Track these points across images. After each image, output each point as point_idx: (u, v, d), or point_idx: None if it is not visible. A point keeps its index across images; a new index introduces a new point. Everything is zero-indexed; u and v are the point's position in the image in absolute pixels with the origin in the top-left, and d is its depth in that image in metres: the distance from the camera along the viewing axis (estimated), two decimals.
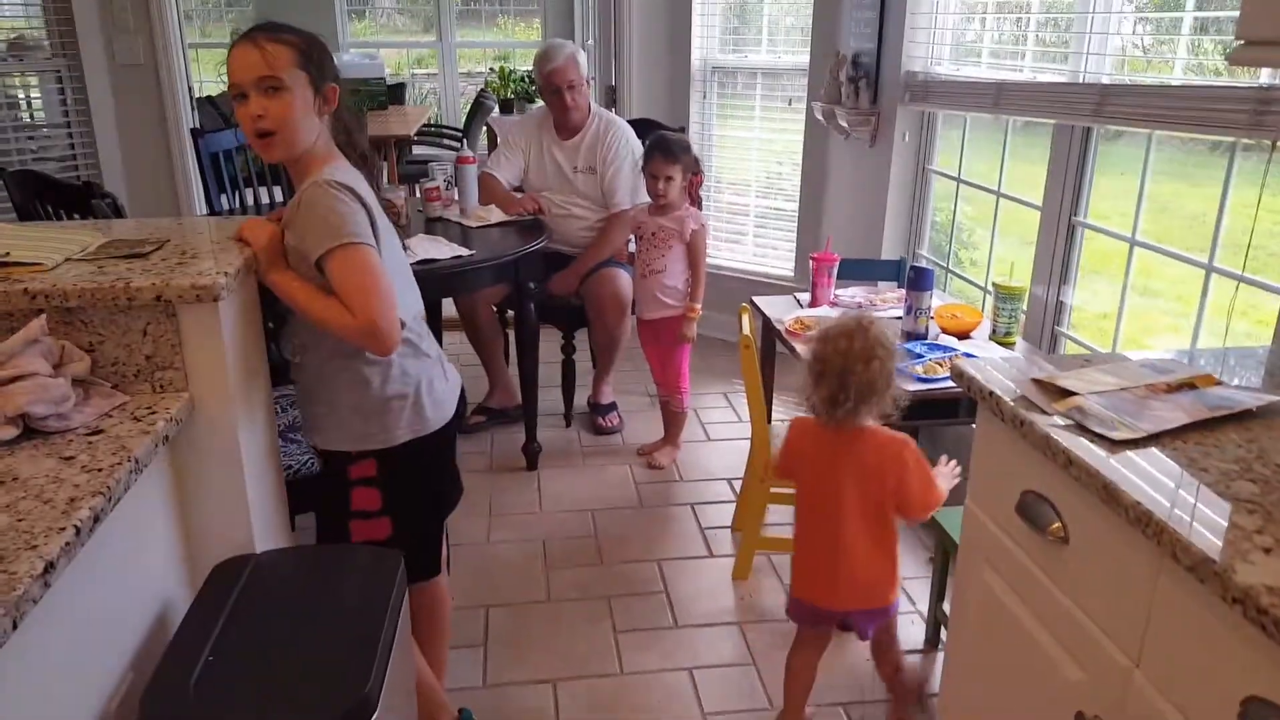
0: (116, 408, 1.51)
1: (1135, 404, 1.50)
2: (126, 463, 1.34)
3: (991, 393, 1.59)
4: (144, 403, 1.54)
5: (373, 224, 1.75)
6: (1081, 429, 1.43)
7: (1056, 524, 1.46)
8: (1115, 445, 1.38)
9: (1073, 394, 1.53)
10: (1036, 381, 1.59)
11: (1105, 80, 2.65)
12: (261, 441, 1.81)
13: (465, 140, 6.81)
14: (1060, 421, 1.46)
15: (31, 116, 4.99)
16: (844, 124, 3.89)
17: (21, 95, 4.95)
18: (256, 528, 1.70)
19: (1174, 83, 2.48)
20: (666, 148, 3.32)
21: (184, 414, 1.56)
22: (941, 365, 2.58)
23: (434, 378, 1.97)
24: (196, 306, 1.55)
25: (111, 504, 1.27)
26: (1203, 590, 1.12)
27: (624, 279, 3.73)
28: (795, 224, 4.61)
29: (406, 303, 1.89)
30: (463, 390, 2.13)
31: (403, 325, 1.80)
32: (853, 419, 2.02)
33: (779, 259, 4.81)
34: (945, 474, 2.17)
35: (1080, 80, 2.72)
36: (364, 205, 1.73)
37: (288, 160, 1.80)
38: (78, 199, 2.64)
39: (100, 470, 1.31)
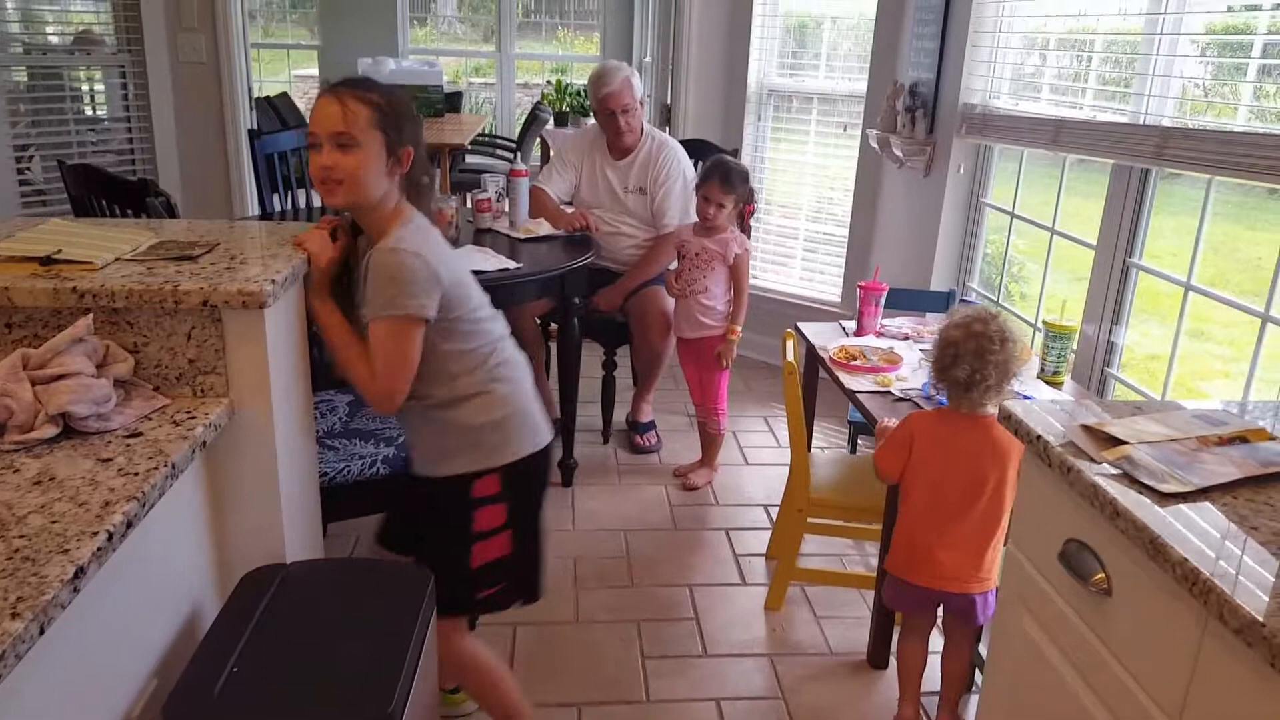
0: (157, 410, 1.52)
1: (1186, 456, 1.46)
2: (163, 468, 1.34)
3: (1039, 436, 1.55)
4: (184, 406, 1.55)
5: (437, 277, 1.79)
6: (1130, 479, 1.39)
7: (1100, 575, 1.42)
8: (1164, 498, 1.34)
9: (1122, 443, 1.49)
10: (1085, 428, 1.55)
11: (1166, 122, 2.60)
12: (299, 450, 1.82)
13: (519, 152, 6.84)
14: (1108, 471, 1.42)
15: (94, 110, 5.07)
16: (899, 153, 3.85)
17: (85, 89, 5.03)
18: (289, 537, 1.71)
19: (1237, 128, 2.42)
20: (726, 176, 3.30)
21: (223, 420, 1.56)
22: None
23: (533, 397, 2.04)
24: (242, 313, 1.56)
25: (145, 509, 1.28)
26: (1250, 654, 1.08)
27: (670, 299, 3.72)
28: (844, 250, 4.57)
29: (492, 329, 1.96)
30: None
31: (493, 352, 1.93)
32: (985, 401, 2.14)
33: (826, 284, 4.78)
34: None
35: (1141, 121, 2.67)
36: (428, 265, 1.77)
37: (350, 209, 1.87)
38: (133, 195, 2.67)
39: (136, 474, 1.31)
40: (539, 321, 3.97)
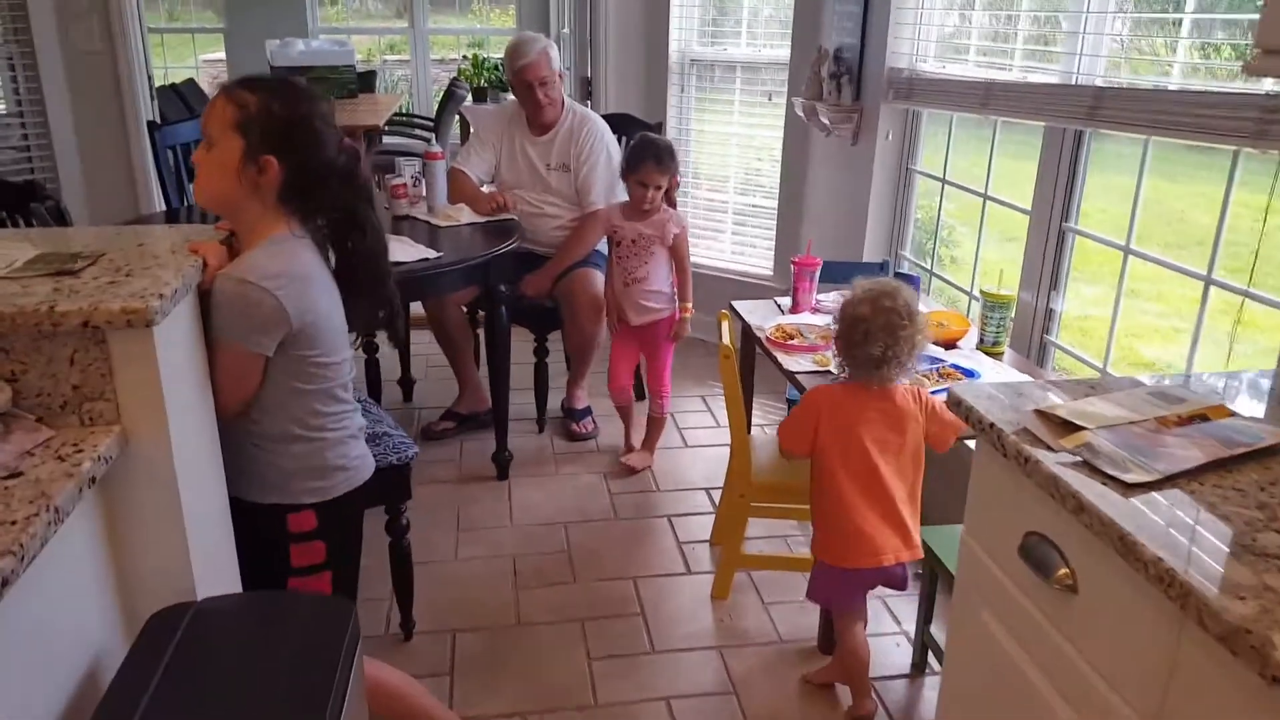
0: (40, 445, 1.37)
1: (1147, 440, 1.39)
2: (45, 513, 1.20)
3: (992, 425, 1.47)
4: (71, 438, 1.40)
5: (283, 316, 1.71)
6: (1091, 469, 1.32)
7: (1064, 570, 1.35)
8: (1129, 489, 1.28)
9: (1079, 428, 1.42)
10: (1039, 413, 1.48)
11: (1099, 82, 2.54)
12: (205, 476, 1.67)
13: (436, 133, 6.63)
14: (1067, 459, 1.36)
15: None
16: (825, 121, 3.77)
17: None
18: (199, 572, 1.56)
19: (1172, 87, 2.37)
20: (659, 156, 3.18)
21: (114, 450, 1.42)
22: (930, 378, 2.47)
23: (360, 437, 2.01)
24: (128, 332, 1.41)
25: (25, 564, 1.14)
26: (1235, 663, 1.01)
27: (599, 279, 3.61)
28: (775, 222, 4.49)
29: (340, 374, 1.90)
30: None
31: (334, 399, 1.89)
32: (893, 376, 2.13)
33: (758, 257, 4.70)
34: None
35: (1073, 81, 2.61)
36: (274, 302, 1.69)
37: (211, 210, 1.87)
38: (19, 199, 2.47)
39: (14, 524, 1.17)
40: (465, 309, 3.84)
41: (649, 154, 3.18)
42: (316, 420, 1.85)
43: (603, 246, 3.73)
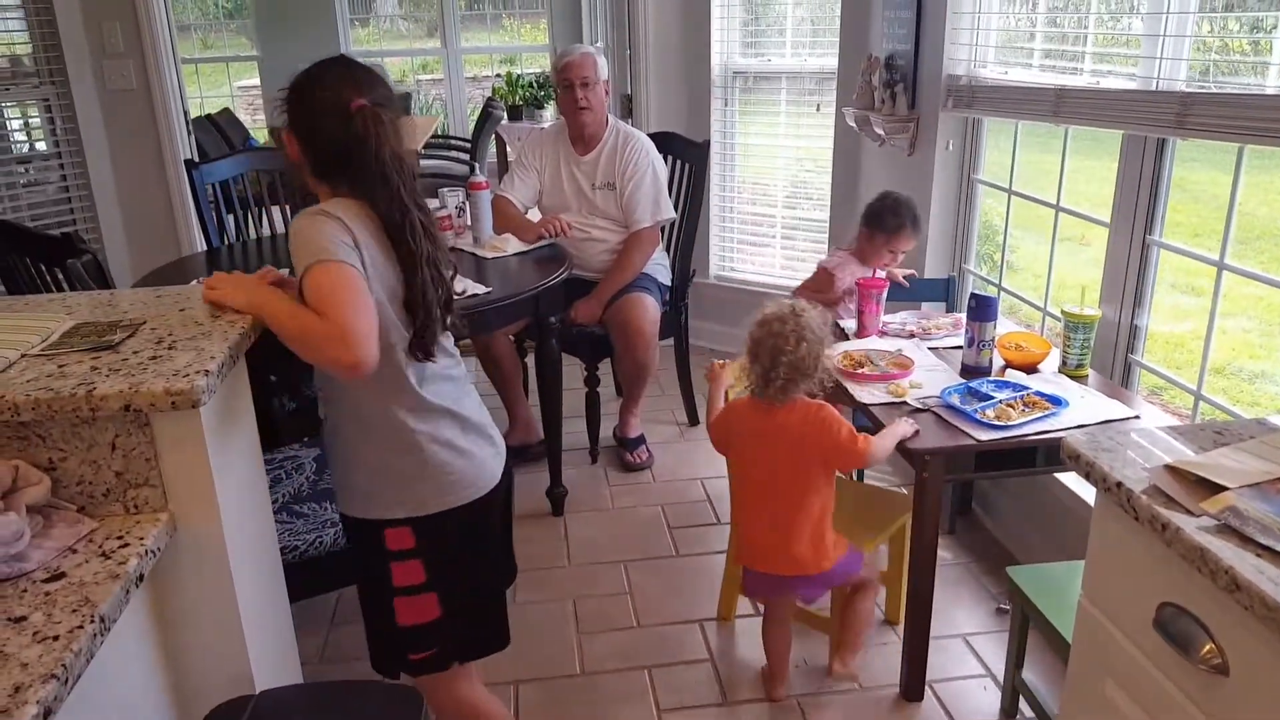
0: (83, 539, 1.27)
1: None
2: (90, 624, 1.10)
3: (1119, 484, 1.33)
4: (115, 529, 1.30)
5: (354, 241, 1.60)
6: (1240, 537, 1.18)
7: (1209, 647, 1.21)
8: None
9: (1219, 487, 1.28)
10: (1171, 469, 1.34)
11: (1182, 87, 2.37)
12: (260, 559, 1.57)
13: (475, 159, 6.54)
14: (1209, 524, 1.21)
15: (32, 147, 4.70)
16: (880, 131, 3.63)
17: (16, 125, 4.66)
18: (256, 662, 1.46)
19: (1269, 90, 2.21)
20: (916, 221, 3.07)
21: (162, 540, 1.32)
22: (1014, 408, 2.32)
23: (471, 442, 1.82)
24: (173, 414, 1.31)
25: (69, 686, 1.03)
26: None
27: (650, 304, 3.49)
28: (826, 235, 4.35)
29: (397, 356, 1.70)
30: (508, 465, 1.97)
31: (408, 388, 1.71)
32: (783, 395, 2.19)
33: (808, 272, 4.53)
34: (897, 432, 2.25)
35: (1154, 87, 2.45)
36: (343, 223, 1.60)
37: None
38: (57, 253, 2.38)
39: (56, 639, 1.07)
40: (512, 338, 3.73)
41: (905, 214, 3.05)
42: (398, 406, 1.69)
43: (652, 270, 3.62)
